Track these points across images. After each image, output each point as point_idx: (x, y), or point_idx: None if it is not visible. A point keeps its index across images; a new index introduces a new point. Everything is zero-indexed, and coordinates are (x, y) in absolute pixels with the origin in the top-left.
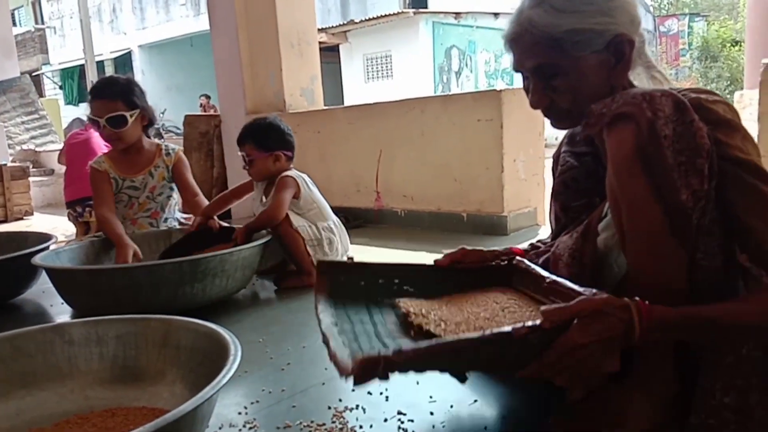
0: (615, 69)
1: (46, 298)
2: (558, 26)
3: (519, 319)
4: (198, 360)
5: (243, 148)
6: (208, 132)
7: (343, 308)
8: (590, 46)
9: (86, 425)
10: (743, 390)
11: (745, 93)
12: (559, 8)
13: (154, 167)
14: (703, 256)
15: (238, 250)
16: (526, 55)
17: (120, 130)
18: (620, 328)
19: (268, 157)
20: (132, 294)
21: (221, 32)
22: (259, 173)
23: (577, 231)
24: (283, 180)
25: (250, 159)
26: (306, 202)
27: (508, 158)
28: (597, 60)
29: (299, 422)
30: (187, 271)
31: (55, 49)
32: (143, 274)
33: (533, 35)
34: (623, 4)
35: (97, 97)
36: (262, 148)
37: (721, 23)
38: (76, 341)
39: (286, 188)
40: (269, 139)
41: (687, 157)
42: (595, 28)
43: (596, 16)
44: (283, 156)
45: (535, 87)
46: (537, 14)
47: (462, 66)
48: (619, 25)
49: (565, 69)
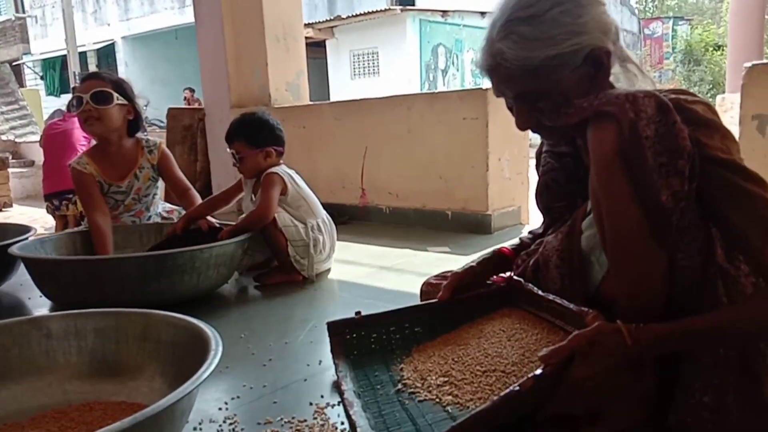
0: (596, 78)
1: (23, 291)
2: (532, 57)
3: (525, 346)
4: (178, 355)
5: (232, 146)
6: (191, 125)
7: (362, 370)
8: (568, 67)
9: (64, 419)
10: (720, 390)
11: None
12: (529, 38)
13: (138, 169)
14: (683, 257)
15: (209, 247)
16: (504, 85)
17: (102, 107)
18: (617, 352)
19: (259, 154)
20: (109, 286)
21: (206, 25)
22: (249, 170)
23: (562, 231)
24: (268, 177)
25: (240, 156)
26: (294, 198)
27: (493, 157)
28: (577, 75)
29: (280, 418)
30: (152, 267)
31: (36, 38)
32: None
33: (508, 69)
34: (593, 16)
35: (86, 79)
36: (252, 144)
37: (704, 27)
38: (54, 334)
39: (272, 186)
40: (260, 135)
41: (668, 158)
42: (570, 49)
43: (569, 37)
44: (274, 152)
45: (519, 110)
46: (507, 47)
47: (448, 64)
48: (593, 39)
49: (546, 92)
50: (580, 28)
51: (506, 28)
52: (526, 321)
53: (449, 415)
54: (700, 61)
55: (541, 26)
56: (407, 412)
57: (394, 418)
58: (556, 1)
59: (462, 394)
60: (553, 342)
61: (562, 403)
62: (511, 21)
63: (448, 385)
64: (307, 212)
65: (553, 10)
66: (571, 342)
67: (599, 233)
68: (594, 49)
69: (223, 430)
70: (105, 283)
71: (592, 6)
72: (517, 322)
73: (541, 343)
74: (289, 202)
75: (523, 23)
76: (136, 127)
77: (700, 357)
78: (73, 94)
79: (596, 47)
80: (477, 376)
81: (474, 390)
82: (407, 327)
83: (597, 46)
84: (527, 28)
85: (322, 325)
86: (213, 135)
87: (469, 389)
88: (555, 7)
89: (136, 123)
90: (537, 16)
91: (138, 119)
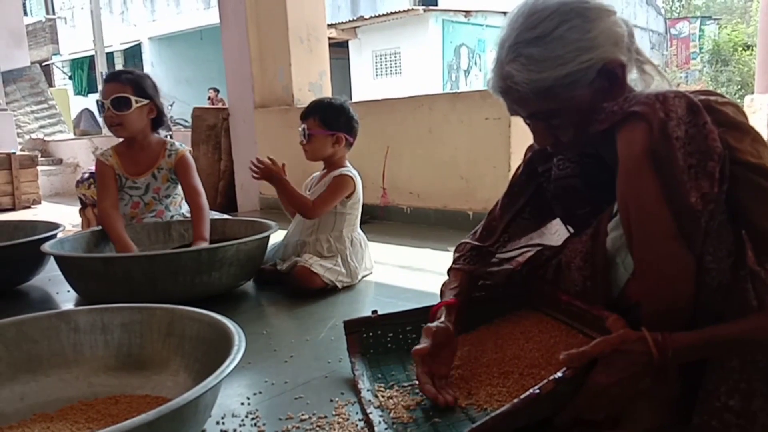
0: (611, 91)
1: (52, 286)
2: (542, 80)
3: (543, 349)
4: (202, 350)
5: (306, 121)
6: (216, 125)
7: (378, 368)
8: (580, 84)
9: (90, 412)
10: (747, 394)
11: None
12: (537, 59)
13: (157, 169)
14: (712, 259)
15: (236, 243)
16: (518, 106)
17: (122, 113)
18: (642, 360)
19: (329, 137)
20: (150, 282)
21: (231, 26)
22: (315, 151)
23: (587, 233)
24: (342, 179)
25: (309, 134)
26: (352, 206)
27: (515, 157)
28: (590, 90)
29: (301, 414)
30: (205, 259)
31: (65, 39)
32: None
33: (519, 92)
34: (602, 30)
35: (107, 81)
36: (325, 125)
37: (732, 27)
38: (81, 328)
39: (340, 190)
40: (337, 119)
41: (698, 160)
42: (581, 67)
43: (578, 55)
44: (344, 139)
45: (535, 128)
46: (516, 70)
47: (471, 64)
48: (604, 52)
49: (560, 111)
50: (590, 44)
51: (514, 50)
52: (544, 323)
53: (467, 416)
54: (728, 62)
55: (548, 46)
56: (424, 412)
57: (411, 417)
58: (562, 19)
59: (479, 396)
60: (571, 345)
61: (583, 408)
62: (519, 43)
63: (466, 386)
64: (350, 223)
65: (559, 28)
66: (595, 348)
67: (626, 235)
68: (607, 63)
69: (245, 424)
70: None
71: (600, 19)
72: (535, 325)
73: (559, 345)
74: (348, 205)
75: (530, 45)
76: (159, 123)
77: (727, 360)
78: None
79: (609, 60)
80: (494, 378)
81: (491, 392)
82: (424, 327)
83: (609, 59)
84: (535, 50)
85: (342, 323)
86: (237, 134)
87: (487, 391)
88: (561, 24)
89: (159, 119)
90: (543, 36)
91: (160, 116)
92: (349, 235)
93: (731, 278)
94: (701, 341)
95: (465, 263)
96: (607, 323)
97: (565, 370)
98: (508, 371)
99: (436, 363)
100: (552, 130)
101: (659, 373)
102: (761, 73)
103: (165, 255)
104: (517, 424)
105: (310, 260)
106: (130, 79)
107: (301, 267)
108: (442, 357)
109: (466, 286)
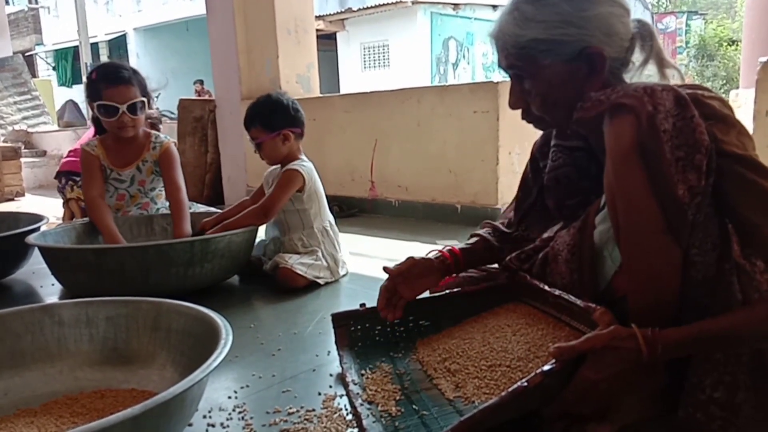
0: (588, 79)
1: (36, 279)
2: (522, 36)
3: (530, 341)
4: (189, 343)
5: (250, 132)
6: (202, 117)
7: (366, 362)
8: (557, 55)
9: (75, 406)
10: (731, 387)
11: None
12: (527, 17)
13: (142, 161)
14: (698, 252)
15: (228, 235)
16: (500, 56)
17: (138, 117)
18: (631, 357)
19: (276, 138)
20: (143, 274)
21: (218, 17)
22: (270, 156)
23: (574, 226)
24: (287, 174)
25: (257, 142)
26: (309, 197)
27: (503, 150)
28: (566, 69)
29: (289, 407)
30: (198, 250)
31: (48, 29)
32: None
33: (503, 41)
34: (598, 15)
35: (114, 83)
36: (267, 128)
37: (718, 22)
38: (65, 322)
39: (289, 184)
40: (274, 118)
41: (685, 153)
42: (562, 38)
43: (563, 26)
44: (291, 134)
45: (512, 88)
46: (506, 21)
47: (459, 57)
48: (592, 37)
49: (531, 74)
50: (579, 22)
51: (515, 3)
52: (531, 316)
53: (455, 409)
54: (713, 57)
55: (541, 8)
56: (412, 405)
57: (399, 410)
58: None
59: (467, 389)
60: (559, 338)
61: (572, 403)
62: None
63: (453, 379)
64: (315, 214)
65: None
66: (585, 343)
67: (613, 228)
68: (589, 47)
69: (232, 418)
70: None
71: (602, 5)
72: (522, 317)
73: (546, 338)
74: (304, 200)
75: (528, 2)
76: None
77: (711, 353)
78: (87, 87)
79: (590, 46)
80: (482, 371)
81: (479, 384)
82: (412, 320)
83: (591, 45)
84: (529, 8)
85: (330, 317)
86: (223, 127)
87: (474, 384)
88: None
89: None
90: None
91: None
92: (319, 227)
93: (716, 271)
94: (690, 337)
95: (485, 232)
96: (593, 316)
97: (553, 363)
98: (496, 364)
99: (403, 284)
100: (524, 95)
101: (647, 368)
102: (746, 68)
103: (158, 246)
104: (505, 417)
105: (290, 260)
106: (138, 80)
107: (284, 269)
108: (413, 284)
109: (477, 247)
